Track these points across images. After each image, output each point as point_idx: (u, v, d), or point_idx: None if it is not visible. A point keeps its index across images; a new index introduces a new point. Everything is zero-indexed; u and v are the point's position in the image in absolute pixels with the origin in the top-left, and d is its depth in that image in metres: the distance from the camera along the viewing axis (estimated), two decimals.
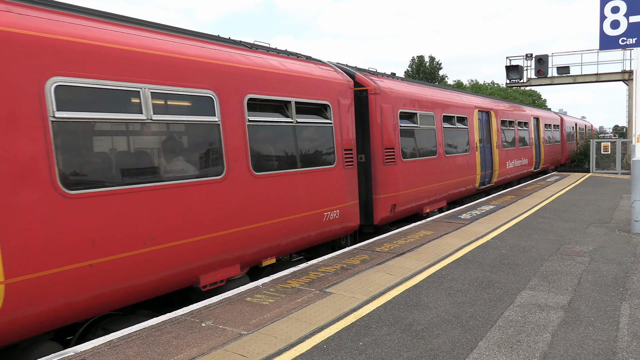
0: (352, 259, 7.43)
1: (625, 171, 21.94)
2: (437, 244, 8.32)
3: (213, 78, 6.12)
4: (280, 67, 7.37)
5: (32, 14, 4.53)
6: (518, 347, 4.29)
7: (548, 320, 4.89)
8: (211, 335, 4.68)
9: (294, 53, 8.43)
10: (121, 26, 5.46)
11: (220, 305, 5.49)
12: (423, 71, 56.88)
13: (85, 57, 4.77)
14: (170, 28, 6.23)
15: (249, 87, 6.63)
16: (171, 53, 5.68)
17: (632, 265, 6.83)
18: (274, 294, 5.88)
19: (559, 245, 8.13)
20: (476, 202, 13.59)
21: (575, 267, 6.76)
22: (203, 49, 6.18)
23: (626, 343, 4.34)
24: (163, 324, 4.97)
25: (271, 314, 5.18)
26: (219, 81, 6.19)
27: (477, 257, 7.43)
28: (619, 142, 22.41)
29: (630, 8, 9.18)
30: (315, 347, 4.38)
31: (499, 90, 63.46)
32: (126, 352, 4.34)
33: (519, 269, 6.71)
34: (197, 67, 5.91)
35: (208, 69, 6.06)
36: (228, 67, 6.35)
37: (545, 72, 24.87)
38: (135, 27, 5.62)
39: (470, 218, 10.87)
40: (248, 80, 6.62)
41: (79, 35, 4.79)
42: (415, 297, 5.65)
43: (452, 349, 4.29)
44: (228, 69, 6.34)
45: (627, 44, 9.32)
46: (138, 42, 5.39)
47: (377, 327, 4.81)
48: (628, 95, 25.07)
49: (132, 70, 5.19)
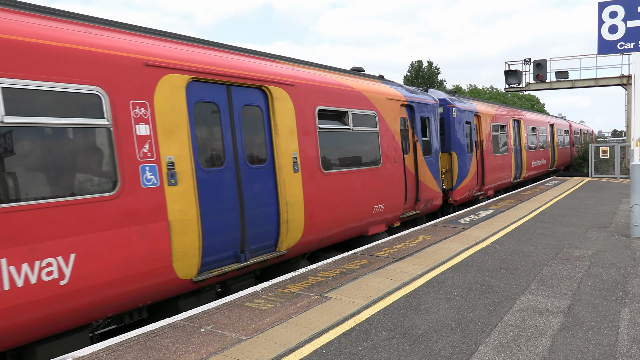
0: (352, 264, 7.42)
1: (624, 175, 21.97)
2: (437, 249, 8.31)
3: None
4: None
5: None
6: (518, 352, 4.28)
7: (548, 324, 4.88)
8: (210, 340, 4.67)
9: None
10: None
11: (219, 310, 5.48)
12: (422, 76, 57.00)
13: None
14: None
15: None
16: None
17: (631, 269, 6.83)
18: (273, 298, 5.87)
19: (558, 249, 8.13)
20: (475, 207, 13.60)
21: (575, 272, 6.75)
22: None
23: (626, 348, 4.33)
24: (162, 329, 4.96)
25: (270, 319, 5.17)
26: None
27: (476, 261, 7.42)
28: (618, 147, 22.45)
29: (628, 13, 9.22)
30: (315, 352, 4.36)
31: (497, 94, 63.61)
32: (125, 357, 4.33)
33: (518, 274, 6.70)
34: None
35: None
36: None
37: (544, 77, 24.95)
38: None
39: (470, 223, 10.87)
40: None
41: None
42: (415, 302, 5.64)
43: (452, 354, 4.28)
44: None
45: (625, 48, 9.36)
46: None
47: (376, 332, 4.80)
48: (627, 99, 25.15)
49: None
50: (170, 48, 5.89)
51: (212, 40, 6.82)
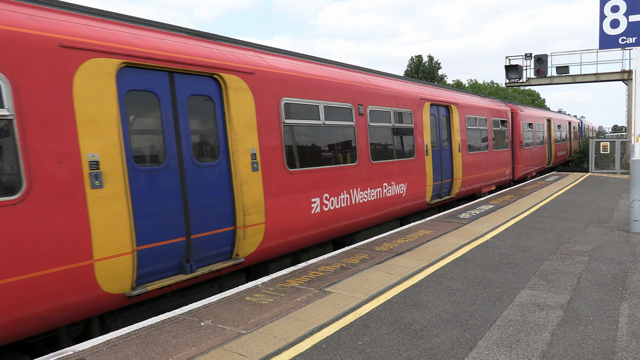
0: (352, 258, 7.43)
1: (624, 171, 21.96)
2: (437, 244, 8.32)
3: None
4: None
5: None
6: (517, 347, 4.29)
7: (547, 319, 4.89)
8: (210, 334, 4.67)
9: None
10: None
11: (219, 305, 5.49)
12: (422, 70, 56.81)
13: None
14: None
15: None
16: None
17: (631, 264, 6.83)
18: (273, 293, 5.87)
19: (558, 244, 8.14)
20: (475, 202, 13.61)
21: (575, 267, 6.76)
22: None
23: (625, 342, 4.33)
24: (162, 323, 4.97)
25: (270, 313, 5.18)
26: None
27: (476, 256, 7.43)
28: (618, 142, 22.42)
29: (630, 7, 9.17)
30: (315, 347, 4.37)
31: (498, 89, 63.46)
32: (125, 351, 4.34)
33: (518, 269, 6.71)
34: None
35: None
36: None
37: (545, 72, 24.85)
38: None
39: (470, 217, 10.87)
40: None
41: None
42: (415, 297, 5.65)
43: (452, 348, 4.28)
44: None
45: (626, 43, 9.32)
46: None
47: (376, 326, 4.81)
48: (627, 95, 25.08)
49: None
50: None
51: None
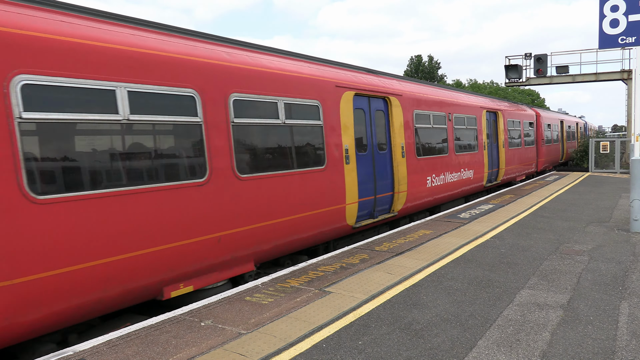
0: (352, 258, 7.43)
1: (624, 170, 21.96)
2: (437, 243, 8.32)
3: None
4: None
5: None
6: (517, 346, 4.29)
7: (547, 319, 4.89)
8: (210, 334, 4.67)
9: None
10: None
11: (219, 305, 5.49)
12: (422, 70, 56.80)
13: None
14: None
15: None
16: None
17: (631, 264, 6.83)
18: (273, 293, 5.88)
19: (558, 244, 8.14)
20: (475, 202, 13.61)
21: (575, 266, 6.76)
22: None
23: (625, 342, 4.34)
24: (162, 324, 4.97)
25: (270, 313, 5.18)
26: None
27: (476, 256, 7.43)
28: (618, 142, 22.43)
29: (629, 7, 9.18)
30: (315, 347, 4.37)
31: (497, 89, 63.45)
32: (125, 351, 4.34)
33: (518, 268, 6.71)
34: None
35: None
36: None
37: (545, 72, 24.86)
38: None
39: (470, 217, 10.87)
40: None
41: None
42: (415, 296, 5.65)
43: (452, 348, 4.28)
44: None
45: (626, 42, 9.32)
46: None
47: (376, 326, 4.81)
48: (627, 94, 25.09)
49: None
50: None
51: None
